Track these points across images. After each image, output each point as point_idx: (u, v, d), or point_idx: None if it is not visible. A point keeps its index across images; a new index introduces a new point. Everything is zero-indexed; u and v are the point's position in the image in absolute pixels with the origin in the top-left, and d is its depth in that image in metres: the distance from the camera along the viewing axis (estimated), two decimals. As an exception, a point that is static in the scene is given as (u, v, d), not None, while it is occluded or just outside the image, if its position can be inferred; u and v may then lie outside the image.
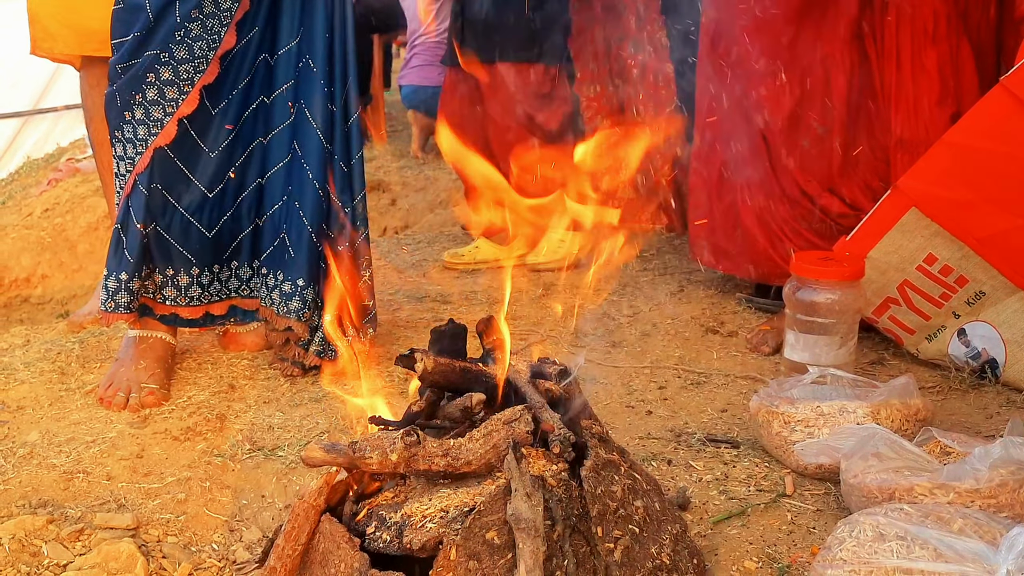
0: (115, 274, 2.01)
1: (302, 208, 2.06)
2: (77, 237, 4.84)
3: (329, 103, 2.04)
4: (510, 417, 1.22)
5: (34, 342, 2.52)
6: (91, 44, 2.27)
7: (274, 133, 2.07)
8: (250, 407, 2.00)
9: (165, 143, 1.96)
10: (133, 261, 2.00)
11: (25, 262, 4.74)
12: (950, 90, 2.02)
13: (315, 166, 2.05)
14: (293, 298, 2.07)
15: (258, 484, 1.70)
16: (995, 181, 1.87)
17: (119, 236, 2.01)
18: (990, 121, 1.86)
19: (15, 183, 6.33)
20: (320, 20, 2.02)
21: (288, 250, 2.07)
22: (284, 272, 2.09)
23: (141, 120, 1.96)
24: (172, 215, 2.04)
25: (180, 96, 1.95)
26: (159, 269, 2.07)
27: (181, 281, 2.08)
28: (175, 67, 1.93)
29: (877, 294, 2.04)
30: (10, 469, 1.76)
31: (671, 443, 1.74)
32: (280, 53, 2.03)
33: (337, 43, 2.05)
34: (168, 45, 1.91)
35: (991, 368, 1.97)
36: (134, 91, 1.94)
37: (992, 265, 1.92)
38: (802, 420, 1.59)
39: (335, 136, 2.06)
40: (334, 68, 2.04)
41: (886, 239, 1.99)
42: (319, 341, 2.11)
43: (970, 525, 1.22)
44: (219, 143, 2.04)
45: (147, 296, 2.08)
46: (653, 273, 2.79)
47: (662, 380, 2.05)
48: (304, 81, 2.03)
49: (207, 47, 1.95)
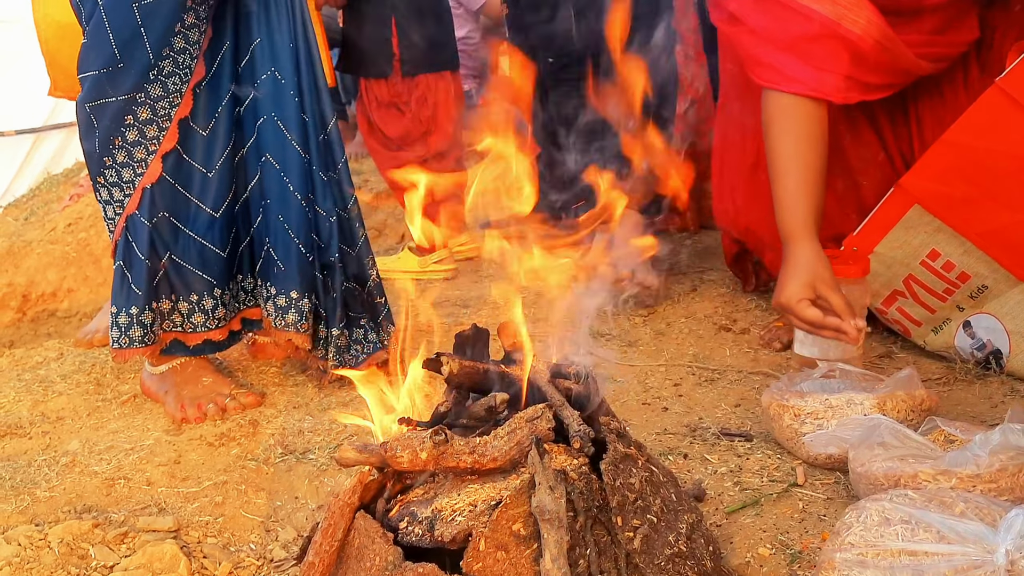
0: (124, 310, 2.03)
1: (287, 221, 2.07)
2: (101, 251, 4.94)
3: (301, 113, 2.05)
4: (532, 415, 1.30)
5: (68, 355, 2.61)
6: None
7: (250, 143, 2.08)
8: (280, 412, 2.08)
9: (151, 182, 1.98)
10: (142, 293, 2.02)
11: (51, 276, 4.83)
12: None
13: (295, 178, 2.06)
14: (289, 311, 2.10)
15: (291, 486, 1.78)
16: (993, 178, 1.93)
17: (123, 273, 2.03)
18: (987, 120, 1.92)
19: (36, 199, 6.43)
20: (284, 32, 2.03)
21: (276, 263, 2.09)
22: (276, 285, 2.10)
23: (124, 163, 1.98)
24: (185, 242, 2.06)
25: (160, 133, 1.97)
26: (183, 297, 2.08)
27: (207, 305, 2.11)
28: (152, 105, 1.95)
29: (885, 286, 2.11)
30: (54, 477, 1.85)
31: (687, 438, 1.80)
32: (243, 65, 2.04)
33: (302, 54, 2.05)
34: (143, 85, 1.93)
35: (995, 359, 2.03)
36: (113, 135, 1.96)
37: (994, 259, 1.98)
38: (811, 413, 1.65)
39: (311, 146, 2.07)
40: (302, 79, 2.05)
41: (891, 235, 2.05)
42: (334, 354, 2.13)
43: (971, 508, 1.28)
44: (215, 162, 2.05)
45: (176, 330, 2.10)
46: (667, 273, 2.85)
47: (677, 377, 2.11)
48: (274, 93, 2.04)
49: (180, 81, 1.97)
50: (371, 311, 2.21)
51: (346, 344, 2.16)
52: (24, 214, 5.89)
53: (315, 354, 2.16)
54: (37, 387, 2.33)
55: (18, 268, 4.97)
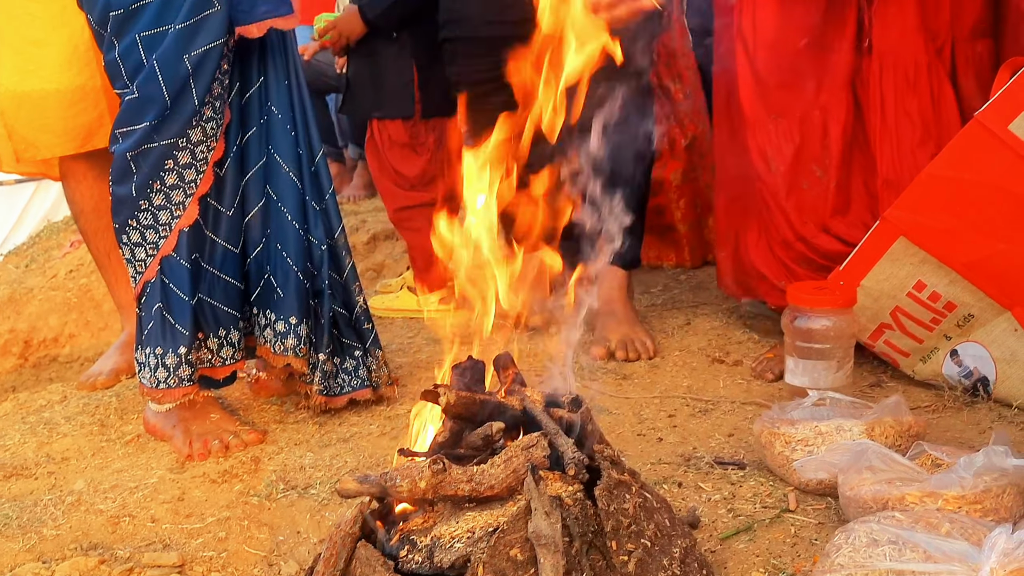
0: (172, 350, 2.08)
1: (285, 249, 2.15)
2: (102, 296, 4.98)
3: (296, 147, 2.15)
4: (528, 443, 1.34)
5: (72, 398, 2.64)
6: (73, 143, 2.35)
7: (249, 177, 2.15)
8: (282, 449, 2.11)
9: (188, 224, 2.06)
10: (188, 333, 2.08)
11: (52, 322, 4.88)
12: (932, 133, 2.13)
13: (292, 208, 2.15)
14: (288, 336, 2.16)
15: (293, 521, 1.81)
16: (975, 209, 1.99)
17: (163, 315, 2.08)
18: (967, 153, 1.98)
19: (37, 246, 6.48)
20: (279, 68, 2.13)
21: (276, 291, 2.16)
22: (275, 312, 2.17)
23: (162, 205, 2.04)
24: (212, 280, 2.13)
25: (198, 176, 2.05)
26: (213, 333, 2.15)
27: (233, 338, 2.17)
28: (192, 150, 2.03)
29: (871, 320, 2.15)
30: (60, 515, 1.88)
31: (681, 467, 1.84)
32: (247, 97, 2.13)
33: (295, 91, 2.16)
34: (186, 131, 2.01)
35: (983, 385, 2.07)
36: (152, 179, 2.03)
37: (979, 288, 2.03)
38: (802, 440, 1.69)
39: (304, 178, 2.16)
40: (295, 115, 2.15)
41: (877, 268, 2.10)
42: (320, 380, 2.19)
43: (957, 528, 1.32)
44: (232, 200, 2.14)
45: (204, 366, 2.15)
46: (661, 308, 2.90)
47: (671, 408, 2.15)
48: (271, 127, 2.14)
49: (216, 126, 2.05)
50: (359, 337, 2.26)
51: (333, 371, 2.22)
52: (25, 261, 5.94)
53: (303, 380, 2.21)
54: (42, 429, 2.37)
55: (20, 314, 5.02)
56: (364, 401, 2.27)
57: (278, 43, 2.12)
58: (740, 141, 2.37)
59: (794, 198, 2.25)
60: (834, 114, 2.21)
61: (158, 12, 1.94)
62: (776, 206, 2.28)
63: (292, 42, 2.21)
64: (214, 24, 1.96)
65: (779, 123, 2.26)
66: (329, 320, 2.21)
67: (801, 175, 2.25)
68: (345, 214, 4.92)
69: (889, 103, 2.15)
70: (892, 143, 2.16)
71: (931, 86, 2.14)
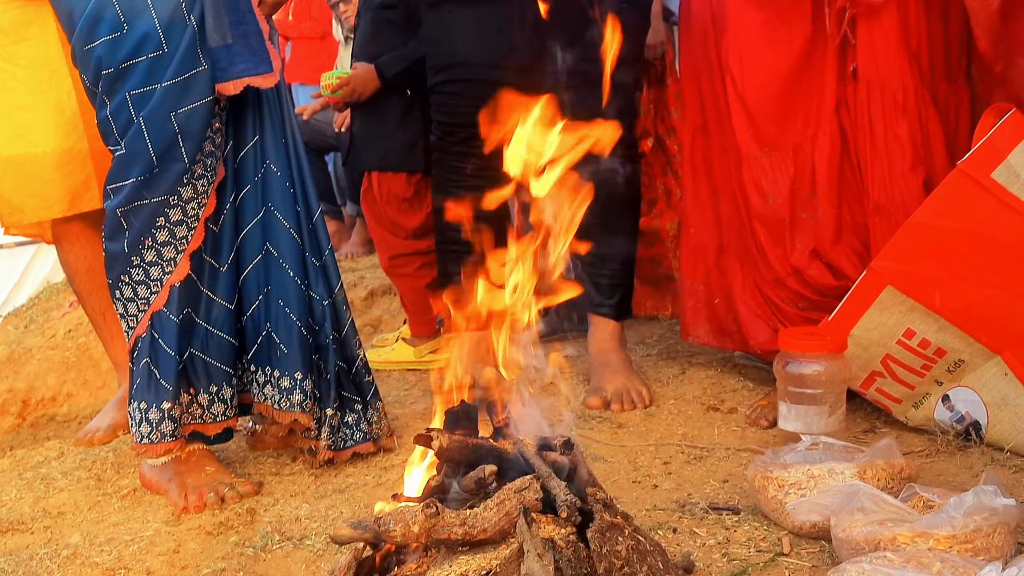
0: (155, 405, 2.09)
1: (287, 305, 2.16)
2: (100, 355, 4.98)
3: (295, 204, 2.18)
4: (520, 486, 1.35)
5: (69, 454, 2.64)
6: (60, 206, 2.37)
7: (245, 233, 2.17)
8: (278, 500, 2.11)
9: (179, 280, 2.07)
10: (172, 389, 2.09)
11: (51, 381, 4.88)
12: (921, 157, 2.17)
13: (293, 264, 2.17)
14: (294, 392, 2.16)
15: (288, 572, 1.81)
16: (961, 256, 2.02)
17: (150, 369, 2.09)
18: (951, 202, 2.02)
19: (36, 307, 6.50)
20: (275, 126, 2.16)
21: (279, 347, 2.17)
22: (279, 368, 2.17)
23: (153, 262, 2.06)
24: (204, 335, 2.14)
25: (189, 233, 2.07)
26: (203, 389, 2.15)
27: (226, 394, 2.18)
28: (183, 207, 2.05)
29: (863, 368, 2.17)
30: (56, 569, 1.88)
31: (676, 512, 1.85)
32: (242, 154, 2.15)
33: (291, 148, 2.19)
34: (176, 188, 2.03)
35: (975, 430, 2.09)
36: (144, 236, 2.05)
37: (968, 334, 2.05)
38: (795, 483, 1.70)
39: (303, 234, 2.18)
40: (292, 171, 2.18)
41: (865, 317, 2.12)
42: (328, 435, 2.20)
43: (948, 568, 1.33)
44: (227, 256, 2.15)
45: (196, 423, 2.16)
46: (656, 358, 2.92)
47: (666, 456, 2.16)
48: (269, 184, 2.16)
49: (207, 183, 2.07)
50: (360, 391, 2.28)
51: (338, 425, 2.23)
52: (24, 322, 5.95)
53: (307, 435, 2.22)
54: (38, 484, 2.37)
55: (18, 374, 5.02)
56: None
57: (274, 101, 2.16)
58: (719, 185, 2.41)
59: (793, 229, 2.28)
60: (822, 142, 2.24)
61: (147, 71, 1.96)
62: (772, 240, 2.31)
63: (287, 99, 2.26)
64: (201, 83, 1.98)
65: (772, 156, 2.29)
66: (334, 375, 2.22)
67: (799, 206, 2.28)
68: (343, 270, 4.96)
69: (878, 128, 2.19)
70: (883, 168, 2.18)
71: (919, 110, 2.17)
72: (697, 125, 2.48)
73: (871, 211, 2.21)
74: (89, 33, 1.97)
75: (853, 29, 2.19)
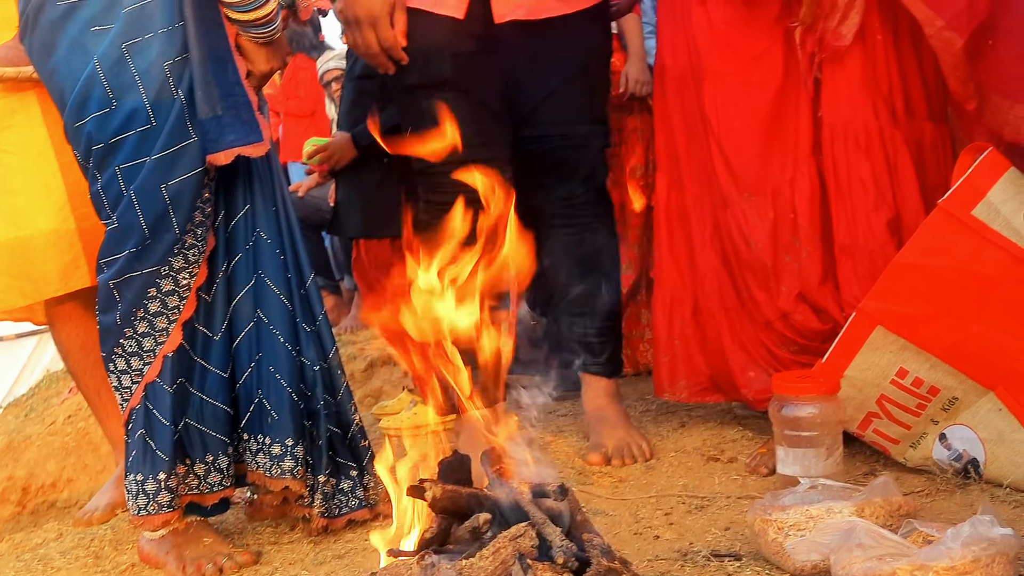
0: (152, 476, 2.08)
1: (278, 372, 2.16)
2: (100, 439, 4.96)
3: (285, 271, 2.20)
4: (515, 533, 1.35)
5: (67, 534, 2.62)
6: (51, 287, 2.39)
7: (237, 301, 2.19)
8: (276, 569, 2.10)
9: (172, 350, 2.09)
10: (168, 459, 2.09)
11: (51, 468, 4.86)
12: (887, 199, 2.20)
13: (283, 330, 2.18)
14: (285, 458, 2.15)
15: (289, 639, 1.79)
16: (948, 293, 2.04)
17: (145, 440, 2.09)
18: (934, 240, 2.05)
19: (36, 396, 6.49)
20: (266, 195, 2.20)
21: (270, 413, 2.16)
22: (270, 435, 2.17)
23: (146, 332, 2.08)
24: (200, 405, 2.15)
25: (180, 303, 2.09)
26: (200, 459, 2.15)
27: (222, 463, 2.17)
28: (174, 277, 2.07)
29: (858, 410, 2.17)
30: (54, 646, 1.85)
31: (678, 561, 1.83)
32: (233, 223, 2.18)
33: (282, 216, 2.22)
34: (167, 259, 2.06)
35: (973, 467, 2.08)
36: (135, 307, 2.07)
37: (960, 371, 2.06)
38: (794, 524, 1.69)
39: (294, 300, 2.20)
40: (283, 237, 2.21)
41: (858, 358, 2.13)
42: (321, 501, 2.18)
43: (949, 598, 1.32)
44: (220, 325, 2.17)
45: (192, 493, 2.15)
46: (655, 412, 2.92)
47: (667, 507, 2.15)
48: (260, 252, 2.18)
49: (198, 252, 2.10)
50: (355, 456, 2.27)
51: (332, 492, 2.21)
52: (24, 412, 5.94)
53: (301, 503, 2.20)
54: (36, 565, 2.35)
55: (18, 462, 5.00)
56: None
57: (264, 170, 2.20)
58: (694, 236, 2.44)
59: (778, 273, 2.30)
60: (801, 185, 2.28)
61: (136, 145, 2.00)
62: (758, 285, 2.33)
63: (278, 169, 2.30)
64: (191, 155, 2.02)
65: (753, 201, 2.32)
66: (326, 441, 2.22)
67: (782, 250, 2.30)
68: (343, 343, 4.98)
69: (842, 169, 2.22)
70: (847, 209, 2.22)
71: (885, 152, 2.20)
72: (672, 179, 2.52)
73: (837, 252, 2.24)
74: (79, 110, 2.02)
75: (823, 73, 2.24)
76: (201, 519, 2.20)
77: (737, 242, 2.36)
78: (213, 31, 2.04)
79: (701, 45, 2.37)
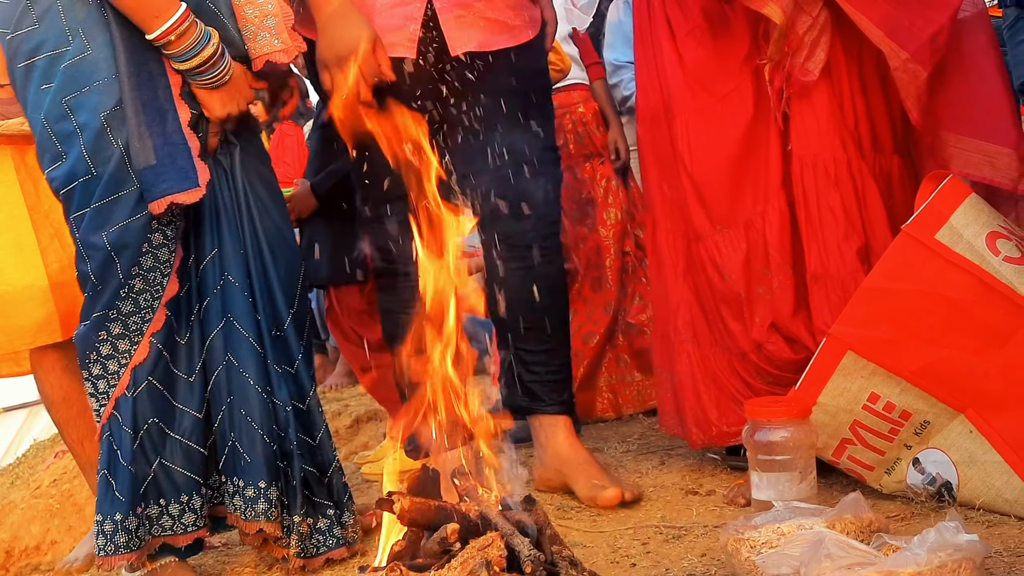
0: (110, 516, 2.08)
1: (249, 415, 2.17)
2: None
3: (254, 312, 2.21)
4: (483, 544, 1.36)
5: (47, 587, 2.61)
6: (22, 341, 2.46)
7: (208, 343, 2.20)
8: (257, 607, 2.09)
9: (121, 391, 2.10)
10: (126, 500, 2.08)
11: (35, 530, 4.81)
12: (856, 228, 2.26)
13: (253, 372, 2.18)
14: (258, 501, 2.15)
15: (266, 673, 1.78)
16: (915, 317, 2.08)
17: (107, 480, 2.10)
18: (899, 265, 2.10)
19: (22, 465, 6.45)
20: (235, 240, 2.21)
21: (243, 456, 2.17)
22: (244, 478, 2.17)
23: (99, 375, 2.11)
24: (172, 447, 2.14)
25: (132, 347, 2.11)
26: (173, 500, 2.15)
27: (196, 504, 2.17)
28: (124, 321, 2.10)
29: (832, 436, 2.19)
30: None
31: (653, 586, 1.84)
32: (202, 267, 2.20)
33: (252, 258, 2.22)
34: (115, 303, 2.08)
35: (947, 490, 2.09)
36: (88, 350, 2.10)
37: (929, 394, 2.08)
38: (766, 542, 1.70)
39: (265, 342, 2.21)
40: (253, 281, 2.22)
41: (830, 384, 2.16)
42: (297, 542, 2.17)
43: (915, 602, 1.33)
44: (195, 366, 2.18)
45: (166, 534, 2.14)
46: (635, 453, 2.93)
47: (645, 537, 2.15)
48: (228, 294, 2.20)
49: (151, 297, 2.11)
50: (331, 495, 2.27)
51: (308, 532, 2.20)
52: (10, 480, 5.91)
53: (278, 543, 2.20)
54: (16, 617, 2.34)
55: (2, 525, 4.96)
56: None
57: (232, 213, 2.20)
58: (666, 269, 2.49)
59: (751, 304, 2.34)
60: (772, 217, 2.33)
61: (81, 194, 2.05)
62: (733, 316, 2.36)
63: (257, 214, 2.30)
64: (129, 202, 2.04)
65: (725, 234, 2.37)
66: (300, 481, 2.22)
67: (754, 281, 2.34)
68: (327, 400, 4.99)
69: (812, 200, 2.27)
70: (818, 239, 2.27)
71: (854, 182, 2.26)
72: (655, 214, 2.57)
73: (809, 280, 2.28)
74: (43, 166, 2.11)
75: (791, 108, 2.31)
76: (178, 560, 2.19)
77: (711, 274, 2.40)
78: (154, 80, 2.06)
79: (672, 83, 2.44)
